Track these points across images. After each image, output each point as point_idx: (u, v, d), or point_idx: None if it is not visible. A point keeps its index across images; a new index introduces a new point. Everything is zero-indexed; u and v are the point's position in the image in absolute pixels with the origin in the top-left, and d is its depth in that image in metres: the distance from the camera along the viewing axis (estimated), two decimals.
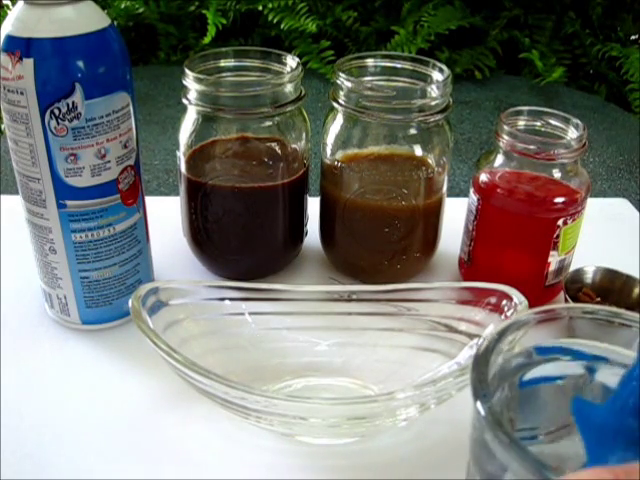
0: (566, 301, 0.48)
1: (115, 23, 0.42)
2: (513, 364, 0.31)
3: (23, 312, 0.51)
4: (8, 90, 0.40)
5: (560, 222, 0.47)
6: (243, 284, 0.44)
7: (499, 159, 0.49)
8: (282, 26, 1.08)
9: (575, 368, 0.32)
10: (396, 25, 1.11)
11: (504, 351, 0.30)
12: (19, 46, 0.39)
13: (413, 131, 0.49)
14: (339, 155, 0.51)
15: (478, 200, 0.50)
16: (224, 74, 0.52)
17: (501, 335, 0.30)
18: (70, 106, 0.40)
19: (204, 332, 0.43)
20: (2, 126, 0.82)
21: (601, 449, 0.26)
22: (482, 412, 0.26)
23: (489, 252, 0.51)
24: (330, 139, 0.51)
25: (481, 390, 0.27)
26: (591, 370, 0.31)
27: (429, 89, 0.49)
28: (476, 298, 0.42)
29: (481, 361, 0.28)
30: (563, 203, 0.47)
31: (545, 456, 0.29)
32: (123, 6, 1.12)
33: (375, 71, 0.52)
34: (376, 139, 0.50)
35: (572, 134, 0.48)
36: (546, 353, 0.32)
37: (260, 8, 1.11)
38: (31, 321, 0.50)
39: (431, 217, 0.53)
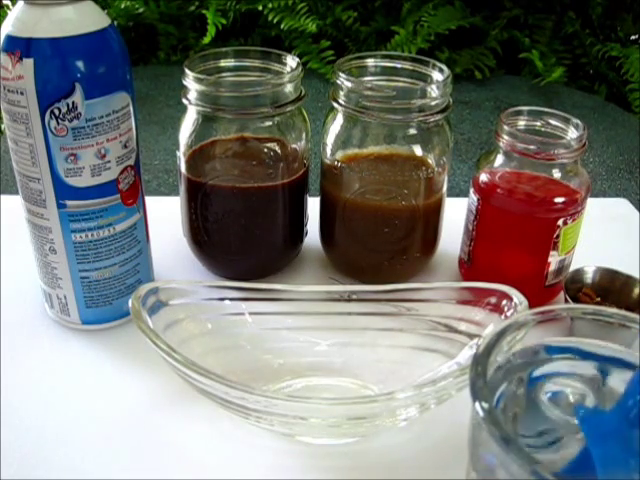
0: (566, 301, 0.48)
1: (115, 23, 0.42)
2: (520, 360, 0.31)
3: (23, 312, 0.51)
4: (8, 90, 0.40)
5: (560, 222, 0.47)
6: (243, 284, 0.44)
7: (499, 159, 0.49)
8: (282, 26, 1.08)
9: (585, 369, 0.31)
10: (396, 25, 1.11)
11: (504, 351, 0.30)
12: (19, 46, 0.39)
13: (413, 131, 0.49)
14: (339, 155, 0.51)
15: (478, 200, 0.50)
16: (224, 74, 0.52)
17: (500, 335, 0.30)
18: (70, 106, 0.40)
19: (204, 332, 0.43)
20: (2, 126, 0.82)
21: (609, 456, 0.26)
22: (480, 413, 0.26)
23: (489, 252, 0.51)
24: (330, 139, 0.51)
25: (480, 391, 0.27)
26: (603, 372, 0.31)
27: (429, 89, 0.49)
28: (476, 298, 0.42)
29: (480, 361, 0.28)
30: (563, 203, 0.47)
31: (555, 461, 0.29)
32: (123, 6, 1.12)
33: (375, 71, 0.52)
34: (376, 139, 0.50)
35: (572, 134, 0.48)
36: (555, 352, 0.32)
37: (260, 8, 1.11)
38: (31, 321, 0.50)
39: (431, 217, 0.53)
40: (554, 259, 0.49)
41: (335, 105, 0.50)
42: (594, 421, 0.28)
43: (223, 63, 0.52)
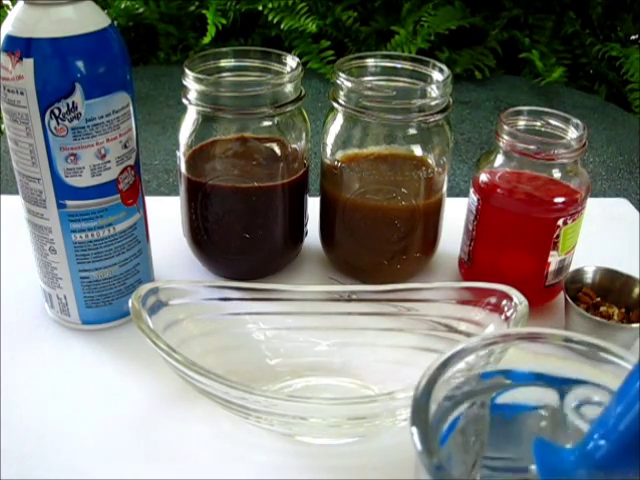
0: (566, 301, 0.48)
1: (115, 23, 0.42)
2: (482, 384, 0.30)
3: (23, 312, 0.51)
4: (8, 90, 0.40)
5: (560, 222, 0.47)
6: (243, 284, 0.44)
7: (499, 159, 0.49)
8: (282, 26, 1.09)
9: (552, 397, 0.30)
10: (396, 25, 1.11)
11: (464, 371, 0.29)
12: (19, 46, 0.39)
13: (413, 131, 0.49)
14: (339, 155, 0.51)
15: (478, 200, 0.50)
16: (224, 74, 0.52)
17: (443, 367, 0.28)
18: (70, 106, 0.40)
19: (204, 332, 0.43)
20: (2, 126, 0.82)
21: None
22: (415, 436, 0.25)
23: (489, 252, 0.51)
24: (330, 139, 0.51)
25: (423, 434, 0.25)
26: (563, 397, 0.29)
27: (429, 89, 0.49)
28: (476, 298, 0.42)
29: (422, 395, 0.27)
30: (563, 203, 0.47)
31: None
32: (123, 6, 1.13)
33: (375, 71, 0.52)
34: (376, 139, 0.50)
35: (572, 134, 0.48)
36: (517, 379, 0.31)
37: (260, 8, 1.11)
38: (31, 321, 0.50)
39: (431, 217, 0.53)
40: (554, 259, 0.49)
41: (335, 105, 0.50)
42: (549, 456, 0.26)
43: (223, 63, 0.52)
